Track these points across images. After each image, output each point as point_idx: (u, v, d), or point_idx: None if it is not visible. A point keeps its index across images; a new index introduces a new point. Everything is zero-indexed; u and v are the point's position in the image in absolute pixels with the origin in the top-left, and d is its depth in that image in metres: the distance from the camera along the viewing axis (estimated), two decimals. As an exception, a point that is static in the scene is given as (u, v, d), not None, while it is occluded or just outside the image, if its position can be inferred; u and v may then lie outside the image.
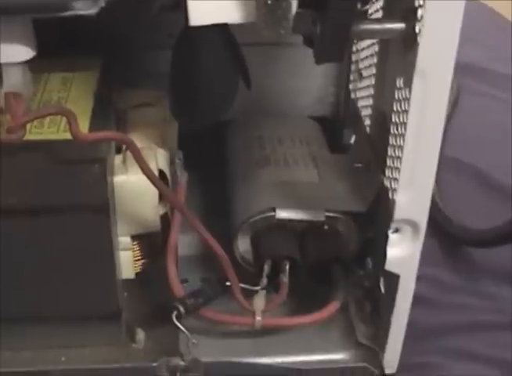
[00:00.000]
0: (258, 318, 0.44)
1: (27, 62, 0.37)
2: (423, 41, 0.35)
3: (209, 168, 0.58)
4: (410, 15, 0.37)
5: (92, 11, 0.33)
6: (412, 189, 0.39)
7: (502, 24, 0.93)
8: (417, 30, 0.36)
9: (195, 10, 0.34)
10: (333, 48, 0.37)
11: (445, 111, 0.37)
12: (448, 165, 0.64)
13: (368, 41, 0.50)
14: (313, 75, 0.58)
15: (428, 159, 0.38)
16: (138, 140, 0.46)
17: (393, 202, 0.40)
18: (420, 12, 0.36)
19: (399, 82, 0.40)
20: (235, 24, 0.36)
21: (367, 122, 0.50)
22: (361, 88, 0.53)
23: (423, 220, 0.40)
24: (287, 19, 0.33)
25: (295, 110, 0.60)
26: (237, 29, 0.38)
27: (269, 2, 0.32)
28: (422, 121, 0.37)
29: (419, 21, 0.36)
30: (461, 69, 0.77)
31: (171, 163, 0.48)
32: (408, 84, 0.37)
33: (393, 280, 0.42)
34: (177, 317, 0.44)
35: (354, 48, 0.54)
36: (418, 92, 0.36)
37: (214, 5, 0.34)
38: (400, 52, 0.39)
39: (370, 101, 0.49)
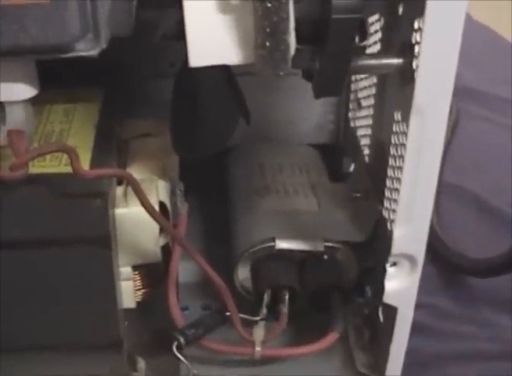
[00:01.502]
0: (258, 348, 0.44)
1: (30, 98, 0.38)
2: (419, 80, 0.35)
3: (211, 193, 0.58)
4: (407, 50, 0.37)
5: (94, 52, 0.33)
6: (410, 224, 0.39)
7: (504, 47, 0.94)
8: (414, 66, 0.36)
9: (194, 52, 0.34)
10: (332, 83, 0.38)
11: (442, 147, 0.37)
12: (447, 191, 0.64)
13: (367, 72, 0.51)
14: (313, 103, 0.59)
15: (425, 195, 0.38)
16: (140, 171, 0.46)
17: (391, 233, 0.40)
18: (416, 48, 0.36)
19: (397, 116, 0.40)
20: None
21: (366, 152, 0.50)
22: (360, 118, 0.53)
23: (420, 254, 0.40)
24: (286, 60, 0.34)
25: (295, 138, 0.61)
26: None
27: (268, 44, 0.33)
28: (419, 157, 0.37)
29: (416, 57, 0.36)
30: (461, 93, 0.79)
31: (172, 193, 0.48)
32: (405, 118, 0.37)
33: (391, 311, 0.43)
34: (177, 348, 0.44)
35: (353, 78, 0.55)
36: (415, 129, 0.37)
37: (213, 46, 0.34)
38: (398, 86, 0.40)
39: (369, 131, 0.49)
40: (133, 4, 0.37)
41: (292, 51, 0.34)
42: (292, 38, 0.34)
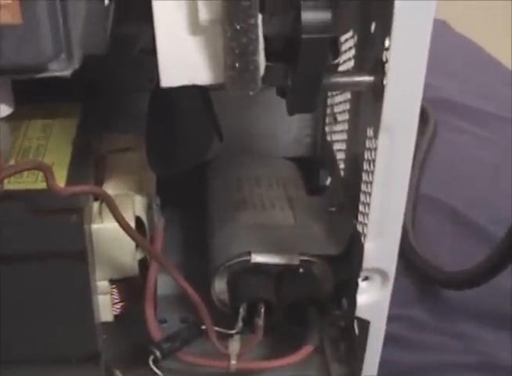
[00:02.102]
0: (233, 362, 0.45)
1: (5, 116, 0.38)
2: (387, 98, 0.36)
3: (190, 206, 0.59)
4: (379, 68, 0.38)
5: (67, 72, 0.34)
6: (380, 239, 0.40)
7: (487, 61, 0.95)
8: (385, 83, 0.37)
9: (165, 72, 0.35)
10: (305, 100, 0.38)
11: (411, 164, 0.38)
12: (424, 204, 0.65)
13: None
14: (290, 117, 0.59)
15: (395, 211, 0.39)
16: (117, 186, 0.47)
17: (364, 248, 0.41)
18: (386, 66, 0.37)
19: (369, 132, 0.41)
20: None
21: (341, 166, 0.51)
22: (336, 132, 0.54)
23: (391, 269, 0.41)
24: (255, 80, 0.34)
25: (273, 151, 0.61)
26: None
27: (237, 65, 0.33)
28: (388, 173, 0.38)
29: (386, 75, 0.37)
30: (441, 105, 0.80)
31: (149, 208, 0.48)
32: (376, 135, 0.38)
33: (365, 323, 0.43)
34: (154, 361, 0.44)
35: (329, 92, 0.55)
36: (384, 146, 0.37)
37: (183, 67, 0.35)
38: (370, 103, 0.40)
39: (344, 145, 0.50)
40: (108, 23, 0.38)
41: (261, 71, 0.35)
42: (261, 58, 0.34)
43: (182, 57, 0.35)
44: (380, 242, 0.40)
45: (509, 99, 0.82)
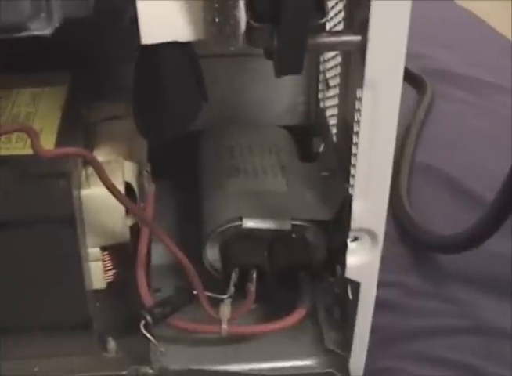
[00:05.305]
0: (224, 326, 0.45)
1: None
2: (369, 54, 0.36)
3: (183, 175, 0.58)
4: (366, 27, 0.38)
5: (47, 31, 0.34)
6: (368, 199, 0.39)
7: (481, 29, 0.94)
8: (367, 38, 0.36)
9: (145, 29, 0.35)
10: (291, 61, 0.38)
11: (397, 121, 0.37)
12: (420, 171, 0.65)
13: (333, 52, 0.51)
14: (283, 85, 0.59)
15: (382, 169, 0.38)
16: (106, 153, 0.47)
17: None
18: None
19: (359, 92, 0.40)
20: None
21: (334, 131, 0.51)
22: (328, 98, 0.54)
23: (380, 229, 0.40)
24: (236, 36, 0.34)
25: (266, 119, 0.60)
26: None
27: (217, 20, 0.33)
28: (373, 131, 0.37)
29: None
30: (436, 74, 0.79)
31: (140, 174, 0.48)
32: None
33: (355, 285, 0.43)
34: (145, 326, 0.44)
35: (321, 58, 0.55)
36: (368, 102, 0.37)
37: (164, 24, 0.34)
38: (359, 64, 0.40)
39: (336, 110, 0.50)
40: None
41: (242, 26, 0.34)
42: (242, 14, 0.34)
43: (162, 13, 0.34)
44: (368, 201, 0.39)
45: (509, 70, 0.81)
